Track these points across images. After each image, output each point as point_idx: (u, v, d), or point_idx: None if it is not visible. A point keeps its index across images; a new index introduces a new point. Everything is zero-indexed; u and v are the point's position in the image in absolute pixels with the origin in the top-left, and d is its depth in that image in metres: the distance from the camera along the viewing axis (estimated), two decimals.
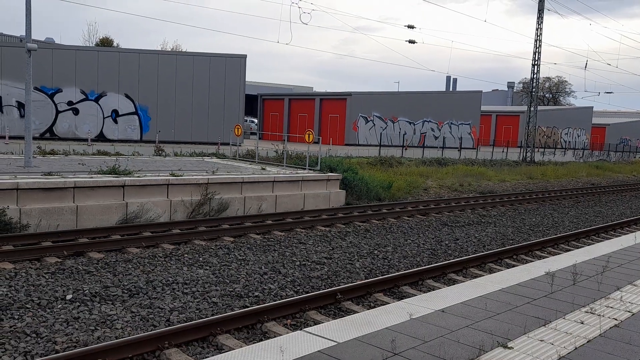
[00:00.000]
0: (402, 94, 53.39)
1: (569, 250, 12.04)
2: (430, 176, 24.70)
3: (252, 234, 12.00)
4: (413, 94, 52.22)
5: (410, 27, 34.17)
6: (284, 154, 20.39)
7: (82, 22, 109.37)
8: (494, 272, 8.96)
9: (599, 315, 5.64)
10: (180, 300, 7.49)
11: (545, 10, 40.18)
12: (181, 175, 13.55)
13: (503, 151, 45.53)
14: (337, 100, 48.17)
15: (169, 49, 58.30)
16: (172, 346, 5.89)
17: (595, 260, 8.27)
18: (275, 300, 7.68)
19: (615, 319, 5.53)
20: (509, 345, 4.71)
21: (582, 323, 5.36)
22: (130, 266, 9.01)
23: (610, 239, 12.80)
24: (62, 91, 30.44)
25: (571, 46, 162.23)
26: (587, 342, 4.89)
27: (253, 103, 54.39)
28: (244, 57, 35.75)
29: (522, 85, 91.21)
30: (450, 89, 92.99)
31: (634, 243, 9.90)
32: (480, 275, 9.55)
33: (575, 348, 4.72)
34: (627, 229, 15.77)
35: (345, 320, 5.20)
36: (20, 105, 28.51)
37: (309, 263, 9.87)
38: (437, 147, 43.97)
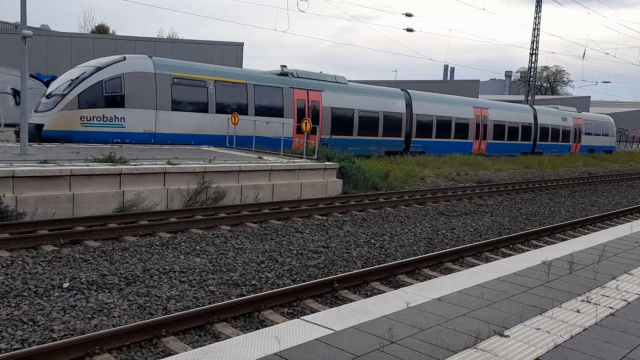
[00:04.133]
0: (399, 83, 53.23)
1: (566, 239, 12.08)
2: (427, 165, 24.70)
3: (249, 222, 11.99)
4: (411, 83, 52.07)
5: (408, 15, 34.03)
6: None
7: (78, 9, 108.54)
8: (491, 261, 8.98)
9: (595, 304, 5.66)
10: (177, 289, 7.49)
11: None
12: (178, 164, 13.51)
13: None
14: None
15: (165, 37, 57.94)
16: (170, 334, 5.90)
17: (592, 249, 8.30)
18: (272, 289, 7.69)
19: (611, 308, 5.56)
20: (506, 334, 4.73)
21: (578, 312, 5.39)
22: (127, 254, 9.00)
23: (607, 228, 12.85)
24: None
25: (569, 35, 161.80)
26: (583, 330, 4.91)
27: None
28: (241, 44, 35.55)
29: (519, 74, 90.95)
30: (448, 78, 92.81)
31: (630, 232, 9.93)
32: (477, 265, 9.58)
33: (572, 336, 4.75)
34: (624, 218, 15.83)
35: (342, 309, 5.21)
36: (16, 93, 28.32)
37: (306, 252, 9.87)
38: None
